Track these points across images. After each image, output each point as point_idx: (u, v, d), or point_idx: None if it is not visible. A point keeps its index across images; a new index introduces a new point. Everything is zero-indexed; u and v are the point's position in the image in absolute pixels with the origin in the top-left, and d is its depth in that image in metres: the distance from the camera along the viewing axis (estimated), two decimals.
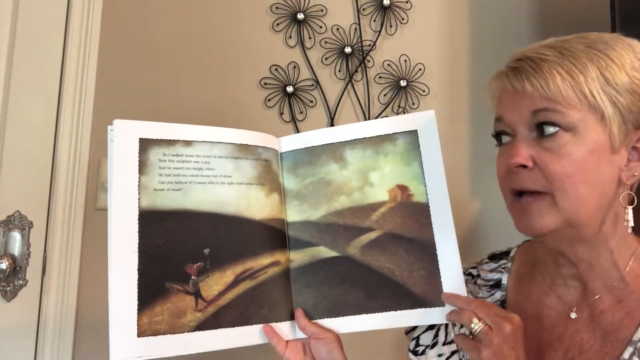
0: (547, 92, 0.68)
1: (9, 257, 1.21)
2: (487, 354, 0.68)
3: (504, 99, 0.74)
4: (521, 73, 0.70)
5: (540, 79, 0.68)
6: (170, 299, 0.73)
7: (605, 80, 0.68)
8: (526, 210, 0.70)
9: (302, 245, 0.82)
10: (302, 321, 0.79)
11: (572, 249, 0.74)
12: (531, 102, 0.70)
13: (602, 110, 0.68)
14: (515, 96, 0.71)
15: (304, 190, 0.84)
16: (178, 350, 0.72)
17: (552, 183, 0.68)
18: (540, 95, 0.69)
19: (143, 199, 0.75)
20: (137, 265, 0.72)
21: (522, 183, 0.70)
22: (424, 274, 0.79)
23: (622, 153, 0.70)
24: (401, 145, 0.84)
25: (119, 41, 1.36)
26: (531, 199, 0.70)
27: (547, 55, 0.70)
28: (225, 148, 0.81)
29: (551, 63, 0.69)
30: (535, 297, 0.80)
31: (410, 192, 0.82)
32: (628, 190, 0.72)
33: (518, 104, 0.71)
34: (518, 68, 0.71)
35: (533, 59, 0.70)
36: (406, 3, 1.53)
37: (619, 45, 0.70)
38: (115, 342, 0.69)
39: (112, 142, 0.76)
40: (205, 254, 0.77)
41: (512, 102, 0.72)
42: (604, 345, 0.72)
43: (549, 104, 0.68)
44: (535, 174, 0.69)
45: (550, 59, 0.69)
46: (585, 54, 0.69)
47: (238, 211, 0.79)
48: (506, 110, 0.73)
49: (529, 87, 0.69)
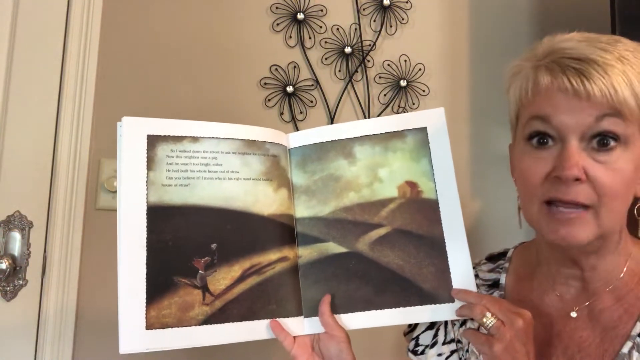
0: (614, 99, 0.65)
1: (9, 257, 1.21)
2: (499, 348, 0.68)
3: (557, 100, 0.68)
4: (586, 75, 0.66)
5: (609, 86, 0.65)
6: (178, 293, 0.74)
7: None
8: (568, 221, 0.68)
9: (311, 241, 0.82)
10: (325, 308, 0.78)
11: (585, 256, 0.74)
12: (596, 107, 0.66)
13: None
14: (575, 99, 0.67)
15: (313, 186, 0.84)
16: (185, 343, 0.73)
17: (601, 198, 0.67)
18: (607, 102, 0.65)
19: (151, 194, 0.76)
20: (146, 260, 0.74)
21: (574, 196, 0.67)
22: (434, 270, 0.79)
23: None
24: (410, 142, 0.84)
25: (119, 41, 1.36)
26: (576, 211, 0.67)
27: (609, 59, 0.66)
28: (233, 144, 0.81)
29: (616, 70, 0.66)
30: (535, 296, 0.80)
31: (420, 188, 0.82)
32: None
33: (578, 108, 0.67)
34: (581, 70, 0.66)
35: (598, 63, 0.66)
36: (406, 3, 1.53)
37: None
38: (124, 334, 0.70)
39: (121, 137, 0.77)
40: (213, 249, 0.77)
41: (568, 105, 0.67)
42: (603, 341, 0.73)
43: (614, 111, 0.66)
44: (585, 187, 0.67)
45: (614, 65, 0.66)
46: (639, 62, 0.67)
47: (245, 206, 0.80)
48: (559, 112, 0.68)
49: (597, 92, 0.65)
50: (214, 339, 0.74)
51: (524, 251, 0.87)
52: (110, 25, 1.35)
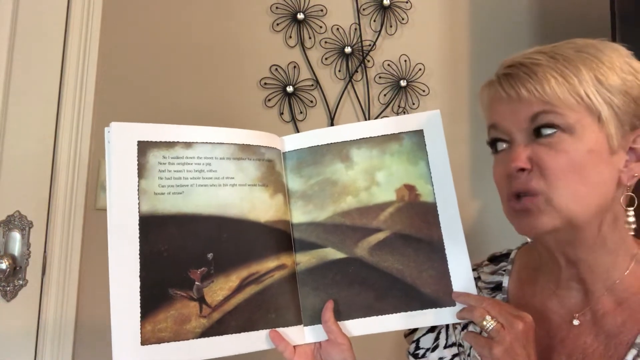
0: (544, 95, 0.68)
1: (9, 257, 1.21)
2: (499, 351, 0.68)
3: (498, 107, 0.73)
4: (514, 79, 0.70)
5: (536, 84, 0.68)
6: (174, 306, 0.72)
7: (598, 82, 0.68)
8: (525, 211, 0.70)
9: (309, 247, 0.81)
10: (329, 314, 0.77)
11: (572, 250, 0.74)
12: (528, 107, 0.69)
13: (598, 112, 0.68)
14: (510, 103, 0.71)
15: (309, 191, 0.83)
16: (183, 358, 0.71)
17: (548, 179, 0.68)
18: (536, 100, 0.68)
19: (143, 203, 0.73)
20: (139, 272, 0.71)
21: (523, 184, 0.70)
22: (434, 273, 0.79)
23: (620, 154, 0.70)
24: (407, 145, 0.83)
25: (119, 41, 1.36)
26: (529, 199, 0.70)
27: (539, 59, 0.70)
28: (227, 149, 0.79)
29: (544, 67, 0.69)
30: (538, 301, 0.80)
31: (418, 191, 0.82)
32: (627, 192, 0.72)
33: (514, 110, 0.71)
34: (511, 74, 0.71)
35: (525, 64, 0.70)
36: (406, 3, 1.53)
37: (607, 49, 0.71)
38: (119, 350, 0.68)
39: (110, 144, 0.74)
40: (209, 259, 0.75)
41: (506, 109, 0.72)
42: (607, 348, 0.72)
43: (546, 107, 0.68)
44: (534, 174, 0.69)
45: (543, 63, 0.69)
46: (577, 57, 0.69)
47: (242, 213, 0.78)
48: (501, 118, 0.73)
49: (524, 93, 0.69)
50: (212, 352, 0.72)
51: (527, 253, 0.86)
52: (110, 25, 1.35)
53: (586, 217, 0.70)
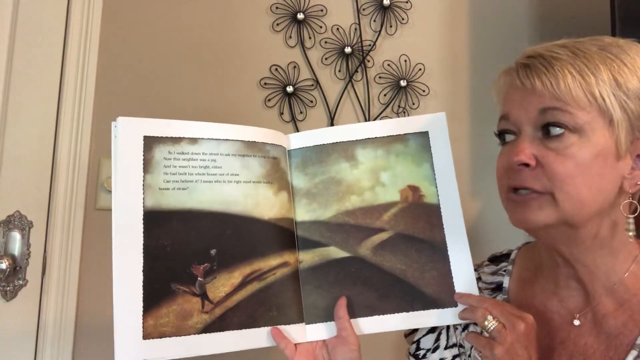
0: (557, 91, 0.67)
1: (9, 257, 1.21)
2: (500, 351, 0.68)
3: (512, 96, 0.72)
4: (532, 70, 0.69)
5: (551, 77, 0.67)
6: (176, 301, 0.72)
7: (616, 83, 0.67)
8: (523, 203, 0.69)
9: (312, 245, 0.81)
10: (343, 311, 0.77)
11: (567, 249, 0.73)
12: (540, 100, 0.68)
13: (610, 114, 0.67)
14: (523, 93, 0.70)
15: (314, 189, 0.83)
16: (184, 353, 0.71)
17: (554, 183, 0.67)
18: (549, 94, 0.67)
19: (148, 198, 0.74)
20: (142, 267, 0.71)
21: (522, 181, 0.69)
22: (436, 274, 0.79)
23: (626, 160, 0.69)
24: (412, 146, 0.83)
25: (119, 41, 1.36)
26: (530, 195, 0.69)
27: (560, 54, 0.68)
28: (233, 145, 0.79)
29: (563, 62, 0.67)
30: (538, 301, 0.80)
31: (422, 192, 0.82)
32: (630, 199, 0.70)
33: (526, 101, 0.70)
34: (529, 65, 0.70)
35: (545, 57, 0.69)
36: (406, 3, 1.53)
37: (632, 50, 0.69)
38: (121, 344, 0.68)
39: (116, 138, 0.74)
40: (212, 255, 0.75)
41: (519, 100, 0.71)
42: (608, 349, 0.72)
43: (558, 104, 0.67)
44: (537, 173, 0.68)
45: (563, 58, 0.68)
46: (598, 55, 0.68)
47: (245, 210, 0.78)
48: (513, 108, 0.72)
49: (538, 85, 0.68)
50: (213, 348, 0.73)
51: (528, 253, 0.86)
52: (110, 25, 1.35)
53: (582, 220, 0.69)
